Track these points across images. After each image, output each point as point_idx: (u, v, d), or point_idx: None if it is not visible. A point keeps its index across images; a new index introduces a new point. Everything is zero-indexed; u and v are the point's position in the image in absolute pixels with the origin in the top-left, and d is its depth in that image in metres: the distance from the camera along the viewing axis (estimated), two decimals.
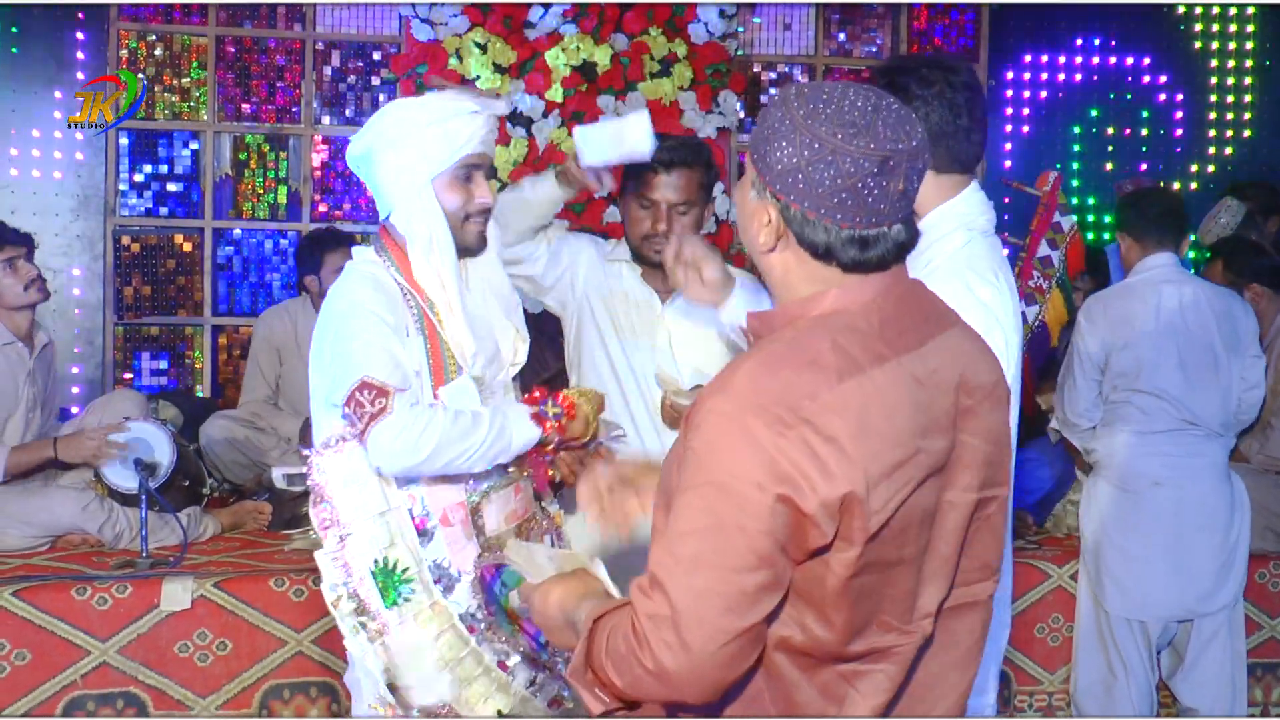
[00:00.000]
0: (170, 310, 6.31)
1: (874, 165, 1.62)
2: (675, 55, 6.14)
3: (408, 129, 2.56)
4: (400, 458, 2.46)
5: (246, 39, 6.31)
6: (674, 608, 1.57)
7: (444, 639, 2.53)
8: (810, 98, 1.67)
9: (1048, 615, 4.30)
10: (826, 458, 1.56)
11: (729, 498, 1.57)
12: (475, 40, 6.03)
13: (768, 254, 1.73)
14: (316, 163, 6.39)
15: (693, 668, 1.58)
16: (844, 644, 1.65)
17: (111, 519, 4.15)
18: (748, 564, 1.57)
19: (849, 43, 6.78)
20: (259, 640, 3.84)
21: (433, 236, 2.58)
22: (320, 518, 2.51)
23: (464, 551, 2.59)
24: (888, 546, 1.63)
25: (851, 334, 1.65)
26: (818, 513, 1.57)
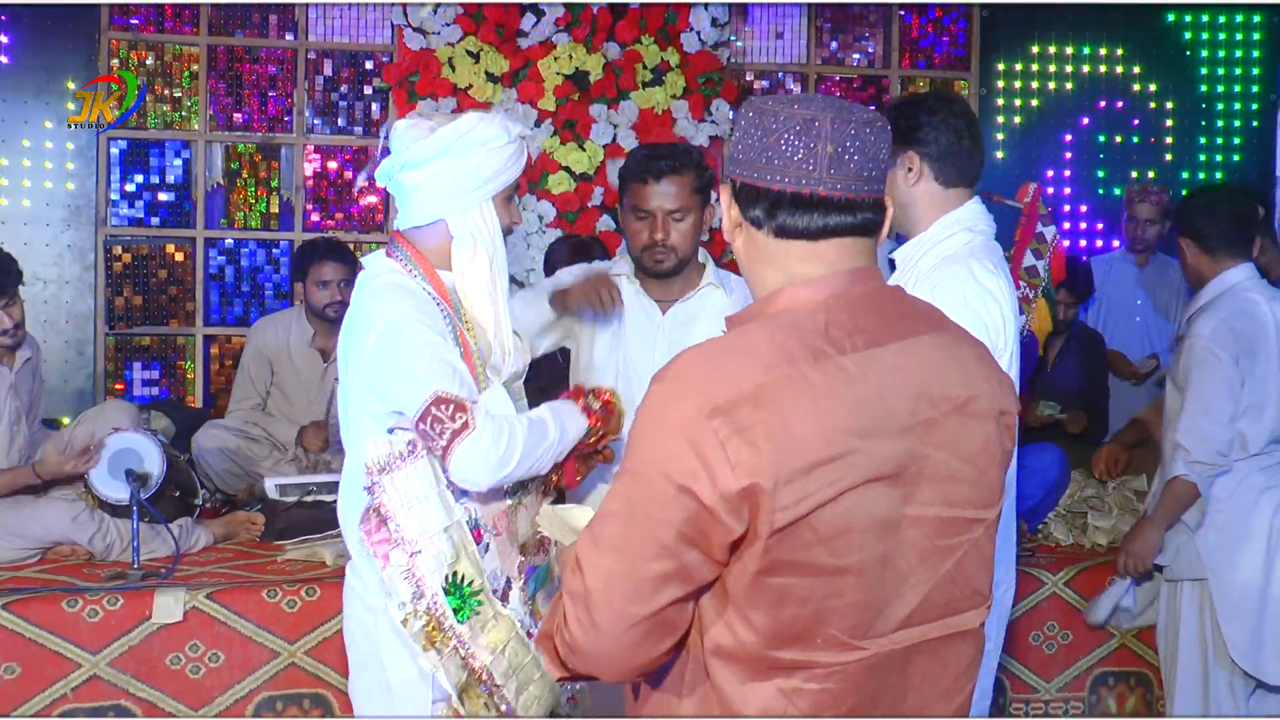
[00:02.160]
0: (162, 320, 6.27)
1: (796, 123, 1.65)
2: (668, 64, 6.14)
3: (485, 145, 2.64)
4: (491, 471, 2.51)
5: (238, 48, 6.28)
6: (587, 588, 1.63)
7: (510, 647, 2.61)
8: (765, 98, 1.74)
9: (1043, 623, 4.27)
10: (734, 450, 1.55)
11: (641, 485, 1.61)
12: (468, 49, 6.02)
13: (734, 243, 1.77)
14: (309, 172, 6.35)
15: (601, 647, 1.64)
16: (768, 648, 1.62)
17: (102, 530, 4.11)
18: (651, 552, 1.59)
19: (841, 51, 6.77)
20: (252, 652, 3.80)
21: (496, 247, 2.69)
22: (376, 538, 2.51)
23: (510, 558, 2.67)
24: (816, 549, 1.59)
25: (792, 329, 1.64)
26: (717, 505, 1.56)
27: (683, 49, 6.16)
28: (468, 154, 2.63)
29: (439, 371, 2.51)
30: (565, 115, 6.05)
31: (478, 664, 2.55)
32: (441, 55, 6.03)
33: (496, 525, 2.64)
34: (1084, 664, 4.31)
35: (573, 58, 6.04)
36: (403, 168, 2.67)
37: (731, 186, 1.74)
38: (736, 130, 1.73)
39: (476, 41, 6.02)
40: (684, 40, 6.15)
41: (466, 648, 2.54)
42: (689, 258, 3.37)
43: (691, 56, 6.16)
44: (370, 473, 2.51)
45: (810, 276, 1.69)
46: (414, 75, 6.04)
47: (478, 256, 2.67)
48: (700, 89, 6.18)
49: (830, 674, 1.63)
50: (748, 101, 1.73)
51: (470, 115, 2.67)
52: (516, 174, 2.71)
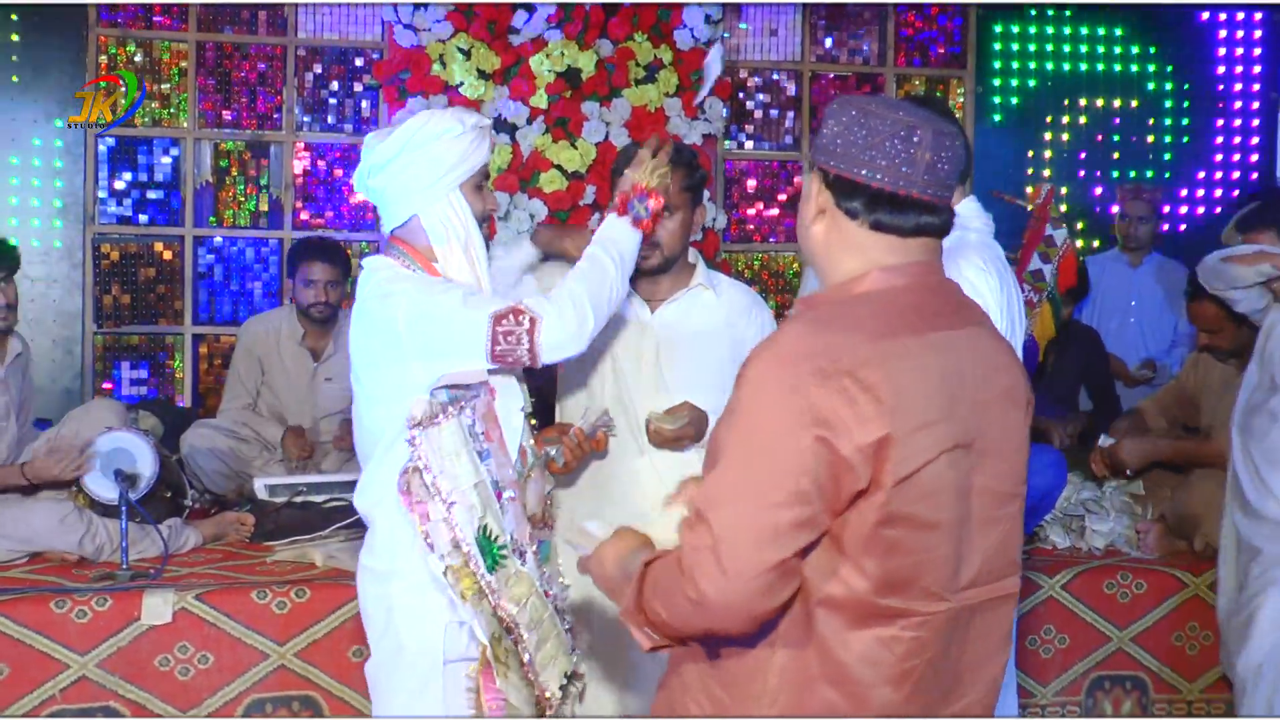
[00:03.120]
0: (150, 319, 6.28)
1: (900, 129, 1.85)
2: (660, 61, 6.14)
3: (440, 137, 2.76)
4: (581, 337, 2.75)
5: (227, 45, 6.28)
6: (715, 538, 1.74)
7: (530, 602, 2.76)
8: (857, 95, 1.95)
9: (1039, 627, 4.29)
10: (864, 404, 1.73)
11: (770, 437, 1.75)
12: (459, 46, 6.02)
13: (811, 227, 1.95)
14: (298, 170, 6.36)
15: (731, 596, 1.74)
16: (877, 595, 1.80)
17: (91, 531, 4.11)
18: (784, 499, 1.73)
19: (835, 49, 6.79)
20: (241, 653, 3.81)
21: (469, 234, 2.81)
22: (412, 492, 2.65)
23: (522, 525, 2.82)
24: (920, 504, 1.79)
25: (888, 307, 1.86)
26: (853, 456, 1.73)
27: (676, 46, 6.17)
28: (424, 148, 2.76)
29: (480, 303, 2.69)
30: (557, 113, 6.05)
31: (504, 614, 2.69)
32: (432, 52, 6.03)
33: (513, 490, 2.79)
34: (1081, 668, 4.33)
35: (565, 55, 6.05)
36: (370, 173, 2.82)
37: (823, 176, 1.92)
38: (833, 124, 1.89)
39: (467, 38, 6.02)
40: (677, 38, 6.15)
41: (497, 597, 2.69)
42: (677, 256, 3.37)
43: (685, 54, 6.16)
44: (412, 426, 2.63)
45: (893, 264, 1.90)
46: (404, 72, 6.04)
47: (452, 246, 2.80)
48: (693, 86, 6.19)
49: (923, 622, 1.83)
50: (847, 99, 1.91)
51: (423, 113, 2.82)
52: (479, 161, 2.82)
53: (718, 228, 6.28)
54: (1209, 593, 4.33)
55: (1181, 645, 4.38)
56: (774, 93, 6.72)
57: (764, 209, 6.68)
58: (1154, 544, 4.53)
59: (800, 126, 6.70)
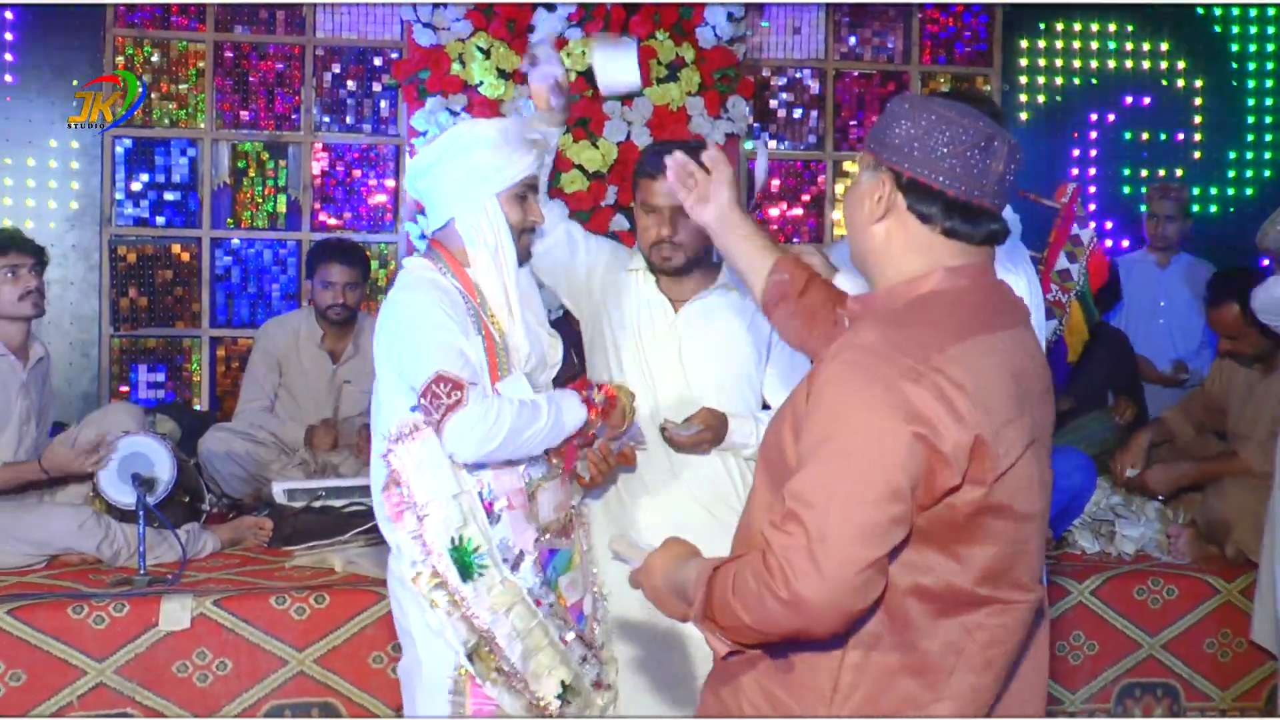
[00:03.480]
0: (167, 322, 6.29)
1: (981, 139, 1.89)
2: (682, 60, 6.13)
3: (480, 146, 2.85)
4: (476, 446, 2.74)
5: (245, 45, 6.30)
6: (810, 537, 1.74)
7: (515, 611, 2.81)
8: (925, 96, 1.99)
9: (1068, 633, 4.26)
10: (958, 403, 1.76)
11: (866, 435, 1.76)
12: (478, 45, 6.02)
13: (873, 225, 1.96)
14: (316, 171, 6.37)
15: (828, 594, 1.73)
16: (974, 584, 1.83)
17: (109, 536, 4.12)
18: (882, 496, 1.74)
19: (859, 47, 6.76)
20: (260, 659, 3.81)
21: (499, 244, 2.88)
22: (392, 502, 2.80)
23: (526, 533, 2.87)
24: (1018, 496, 1.83)
25: (959, 307, 1.89)
26: (952, 453, 1.76)
27: (698, 45, 6.15)
28: (464, 156, 2.85)
29: (445, 353, 2.75)
30: (578, 112, 6.04)
31: (479, 623, 2.77)
32: (452, 51, 6.03)
33: (511, 501, 2.86)
34: (1110, 674, 4.30)
35: (585, 54, 6.04)
36: (417, 176, 2.93)
37: (895, 177, 1.93)
38: (909, 125, 1.91)
39: (487, 37, 6.03)
40: (699, 35, 6.14)
41: (469, 606, 2.76)
42: (699, 255, 3.36)
43: (707, 52, 6.15)
44: (388, 439, 2.79)
45: (956, 264, 1.93)
46: (424, 72, 6.05)
47: (481, 252, 2.88)
48: (716, 85, 6.17)
49: (1007, 609, 1.87)
50: (920, 100, 1.95)
51: (468, 121, 2.95)
52: (520, 173, 2.89)
53: None
54: (1241, 599, 4.30)
55: (1213, 652, 4.34)
56: (797, 91, 6.69)
57: (787, 209, 6.65)
58: (1185, 549, 4.50)
59: (824, 125, 6.67)
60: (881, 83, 6.75)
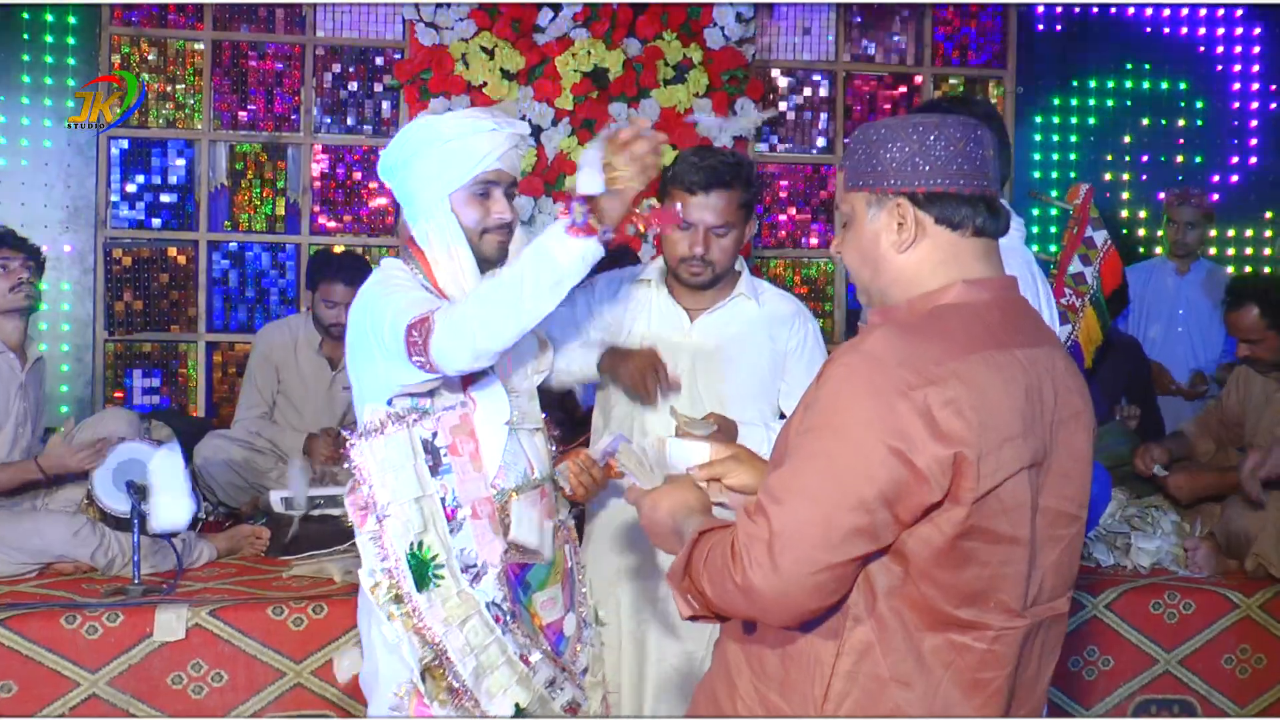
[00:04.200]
0: (163, 326, 6.30)
1: (971, 131, 1.93)
2: (690, 61, 6.14)
3: (430, 143, 2.73)
4: (464, 346, 2.57)
5: (243, 44, 6.31)
6: (772, 531, 1.78)
7: (470, 625, 2.72)
8: (887, 119, 1.98)
9: (1083, 648, 4.26)
10: (942, 419, 1.76)
11: (844, 441, 1.78)
12: (482, 45, 6.04)
13: (902, 255, 1.95)
14: (316, 173, 6.38)
15: (778, 590, 1.79)
16: (954, 606, 1.84)
17: (104, 545, 4.12)
18: (849, 504, 1.77)
19: (870, 47, 6.75)
20: (256, 671, 3.81)
21: (450, 248, 2.75)
22: (356, 503, 2.72)
23: (491, 545, 2.78)
24: (1000, 519, 1.83)
25: (975, 320, 1.89)
26: (928, 469, 1.76)
27: (706, 45, 6.16)
28: (415, 157, 2.75)
29: (407, 307, 2.63)
30: (583, 114, 6.06)
31: (430, 635, 2.69)
32: (455, 51, 6.04)
33: (476, 510, 2.77)
34: (1125, 690, 4.29)
35: (591, 54, 6.05)
36: (387, 178, 2.84)
37: (912, 199, 1.93)
38: (901, 146, 1.92)
39: (491, 37, 6.03)
40: (707, 36, 6.15)
41: (421, 618, 2.69)
42: (727, 271, 3.40)
43: (715, 53, 6.16)
44: (357, 436, 2.72)
45: (978, 277, 1.94)
46: (426, 72, 6.06)
47: (439, 260, 2.77)
48: (724, 87, 6.18)
49: (997, 637, 1.88)
50: (891, 122, 1.95)
51: (419, 119, 2.79)
52: (472, 169, 2.72)
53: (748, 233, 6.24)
54: (1261, 614, 4.29)
55: (1232, 668, 4.33)
56: (807, 94, 6.69)
57: (796, 213, 6.65)
58: (1203, 562, 4.48)
59: (834, 128, 6.67)
60: (893, 85, 6.75)
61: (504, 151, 2.75)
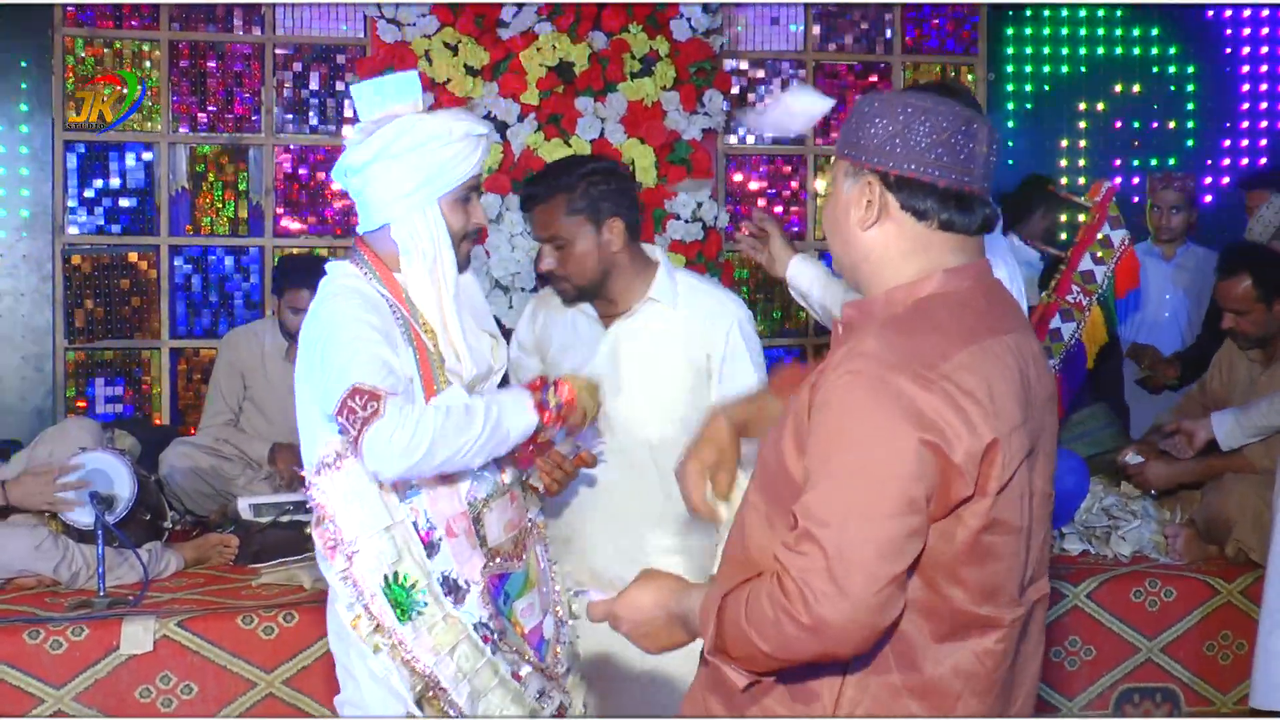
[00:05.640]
0: (125, 333, 6.29)
1: (961, 124, 1.89)
2: (657, 53, 6.14)
3: (422, 145, 2.71)
4: (396, 460, 2.56)
5: (201, 43, 6.30)
6: (829, 557, 1.73)
7: (460, 651, 2.70)
8: (889, 91, 1.97)
9: (1064, 638, 4.30)
10: (969, 410, 1.77)
11: (878, 447, 1.76)
12: (445, 41, 6.03)
13: (866, 232, 1.95)
14: (279, 174, 6.37)
15: (851, 615, 1.73)
16: (975, 604, 1.85)
17: (67, 558, 4.11)
18: (899, 509, 1.75)
19: (840, 36, 6.78)
20: (226, 682, 3.82)
21: (438, 254, 2.74)
22: (324, 539, 2.68)
23: (470, 562, 2.75)
24: (1011, 509, 1.85)
25: (964, 310, 1.89)
26: (964, 462, 1.77)
27: (672, 37, 6.17)
28: (404, 157, 2.71)
29: (361, 365, 2.59)
30: (549, 109, 6.06)
31: (420, 667, 2.66)
32: (417, 48, 6.04)
33: (451, 528, 2.74)
34: (1108, 680, 4.34)
35: (556, 48, 6.05)
36: (346, 172, 2.78)
37: (881, 178, 1.92)
38: (885, 123, 1.91)
39: (454, 33, 6.03)
40: (674, 28, 6.15)
41: (408, 650, 2.65)
42: (598, 279, 3.30)
43: (682, 45, 6.17)
44: (315, 472, 2.69)
45: (955, 265, 1.93)
46: (389, 70, 6.04)
47: (415, 261, 2.74)
48: (692, 79, 6.19)
49: (1008, 632, 1.90)
50: (888, 96, 1.94)
51: (407, 117, 2.75)
52: (465, 174, 2.76)
53: (719, 227, 6.28)
54: (1242, 599, 4.34)
55: (1214, 655, 4.38)
56: (777, 84, 6.71)
57: (768, 207, 6.67)
58: (1183, 549, 4.52)
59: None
60: (864, 74, 6.78)
61: (482, 156, 2.81)
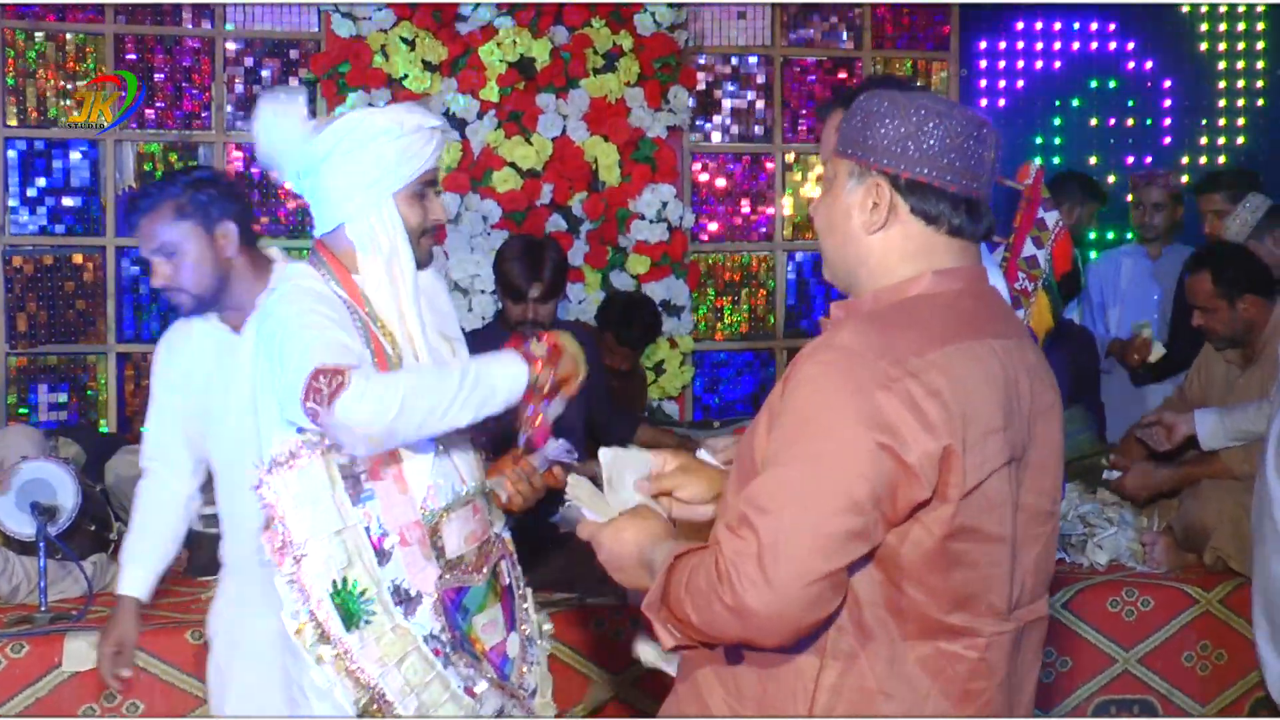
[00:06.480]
0: (70, 337, 6.22)
1: (973, 129, 1.90)
2: (620, 48, 6.16)
3: (373, 140, 2.69)
4: (371, 421, 2.51)
5: (149, 37, 6.24)
6: (761, 544, 1.74)
7: (408, 662, 2.64)
8: (896, 89, 1.99)
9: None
10: (929, 411, 1.77)
11: (829, 442, 1.77)
12: (402, 36, 6.02)
13: (870, 236, 1.94)
14: (231, 173, 6.31)
15: (774, 606, 1.74)
16: (944, 612, 1.84)
17: (7, 571, 4.07)
18: (841, 506, 1.75)
19: (808, 31, 6.76)
20: (176, 700, 3.78)
21: (395, 249, 2.72)
22: (272, 542, 2.62)
23: (424, 573, 2.69)
24: (986, 516, 1.84)
25: (949, 310, 1.89)
26: (919, 464, 1.76)
27: (636, 32, 6.17)
28: (353, 154, 2.69)
29: (321, 349, 2.56)
30: (510, 106, 6.05)
31: (365, 678, 2.61)
32: (373, 43, 6.02)
33: (405, 536, 2.68)
34: (1084, 692, 4.34)
35: (517, 43, 6.04)
36: (297, 175, 2.76)
37: (892, 181, 1.91)
38: (897, 124, 1.90)
39: (411, 27, 6.02)
40: (637, 22, 6.16)
41: (353, 660, 2.61)
42: (214, 289, 3.14)
43: (646, 40, 6.17)
44: (266, 471, 2.63)
45: (948, 267, 1.93)
46: (343, 65, 6.03)
47: (374, 259, 2.73)
48: (656, 75, 6.19)
49: (989, 644, 1.88)
50: (896, 96, 1.92)
51: (358, 112, 2.75)
52: (419, 168, 2.74)
53: (685, 227, 6.27)
54: (1221, 608, 4.35)
55: (1193, 666, 4.39)
56: (743, 80, 6.69)
57: (735, 206, 6.66)
58: (1161, 557, 4.53)
59: (772, 116, 6.68)
60: (833, 70, 6.77)
61: (436, 149, 2.78)
